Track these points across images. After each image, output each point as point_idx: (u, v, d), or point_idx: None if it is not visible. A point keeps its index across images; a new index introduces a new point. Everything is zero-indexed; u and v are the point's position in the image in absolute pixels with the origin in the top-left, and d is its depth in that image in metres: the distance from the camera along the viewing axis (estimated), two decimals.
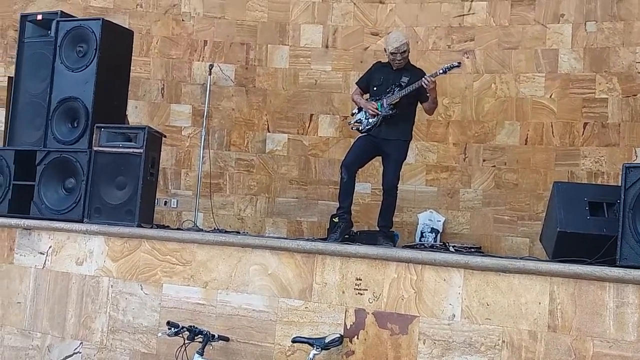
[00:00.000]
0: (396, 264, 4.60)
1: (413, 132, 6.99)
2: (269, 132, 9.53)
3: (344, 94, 9.41)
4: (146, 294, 5.45)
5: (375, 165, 9.32)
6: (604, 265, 4.59)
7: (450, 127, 9.05)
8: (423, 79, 6.50)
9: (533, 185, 8.72)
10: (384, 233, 6.73)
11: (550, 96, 8.69)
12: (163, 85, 9.47)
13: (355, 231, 8.93)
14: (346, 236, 8.95)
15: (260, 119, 9.54)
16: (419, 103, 6.79)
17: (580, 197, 5.30)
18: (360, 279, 4.69)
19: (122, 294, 5.56)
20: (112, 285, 5.59)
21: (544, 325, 4.22)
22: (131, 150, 6.31)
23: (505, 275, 4.29)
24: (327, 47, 9.48)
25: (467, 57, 8.98)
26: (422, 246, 8.84)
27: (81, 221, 6.29)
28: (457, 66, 6.59)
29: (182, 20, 9.53)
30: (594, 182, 8.40)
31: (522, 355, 4.29)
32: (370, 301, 4.67)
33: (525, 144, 8.79)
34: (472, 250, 8.52)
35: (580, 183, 7.66)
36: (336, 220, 8.94)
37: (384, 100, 6.70)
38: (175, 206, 9.34)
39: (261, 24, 9.54)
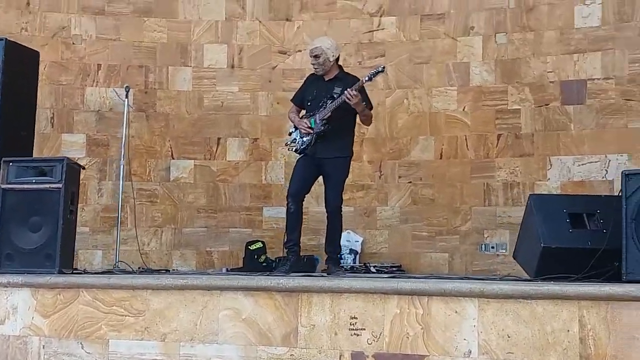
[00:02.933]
0: (398, 297, 3.92)
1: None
2: (172, 158, 8.65)
3: (252, 115, 8.70)
4: (88, 352, 4.49)
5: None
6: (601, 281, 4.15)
7: (364, 145, 8.46)
8: (345, 93, 5.88)
9: (449, 200, 8.30)
10: (333, 260, 6.04)
11: (463, 109, 8.32)
12: (53, 113, 8.41)
13: (272, 258, 8.28)
14: (263, 264, 8.31)
15: (163, 145, 8.64)
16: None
17: (558, 209, 4.85)
18: (356, 317, 3.98)
19: (58, 355, 4.57)
20: (44, 346, 4.59)
21: (575, 355, 3.66)
22: (48, 185, 5.34)
23: (527, 302, 3.70)
24: (232, 67, 8.72)
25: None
26: (343, 269, 8.29)
27: None
28: (382, 71, 6.05)
29: (73, 43, 8.51)
30: (504, 194, 8.13)
31: None
32: (370, 342, 3.96)
33: (440, 158, 8.37)
34: (394, 269, 8.08)
35: (556, 194, 7.23)
36: (258, 252, 8.27)
37: (317, 115, 6.04)
38: None
39: (160, 45, 8.66)
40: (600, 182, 7.76)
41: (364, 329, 3.96)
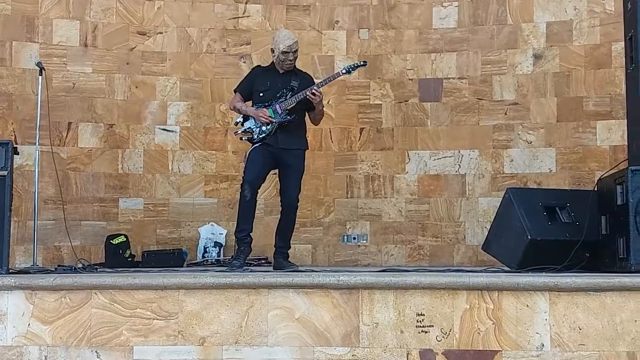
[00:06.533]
0: (467, 292, 3.83)
1: None
2: (16, 144, 7.55)
3: (107, 99, 7.96)
4: None
5: (148, 177, 8.12)
6: (577, 271, 4.42)
7: (228, 134, 8.14)
8: (309, 89, 5.69)
9: (314, 192, 8.29)
10: (284, 254, 5.76)
11: (328, 102, 8.28)
12: None
13: (131, 253, 7.72)
14: (128, 259, 7.67)
15: (6, 129, 7.61)
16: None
17: (534, 203, 5.05)
18: (423, 314, 3.82)
19: None
20: (46, 356, 3.82)
21: None
22: None
23: (596, 294, 3.82)
24: (86, 45, 7.88)
25: (244, 62, 8.19)
26: (206, 262, 7.94)
27: None
28: (363, 65, 5.92)
29: None
30: (366, 186, 8.32)
31: None
32: (439, 339, 3.82)
33: None
34: (262, 261, 7.88)
35: (530, 188, 7.31)
36: (122, 247, 7.52)
37: (277, 106, 5.73)
38: None
39: (4, 17, 7.60)
40: (454, 176, 8.21)
41: (432, 326, 3.82)
